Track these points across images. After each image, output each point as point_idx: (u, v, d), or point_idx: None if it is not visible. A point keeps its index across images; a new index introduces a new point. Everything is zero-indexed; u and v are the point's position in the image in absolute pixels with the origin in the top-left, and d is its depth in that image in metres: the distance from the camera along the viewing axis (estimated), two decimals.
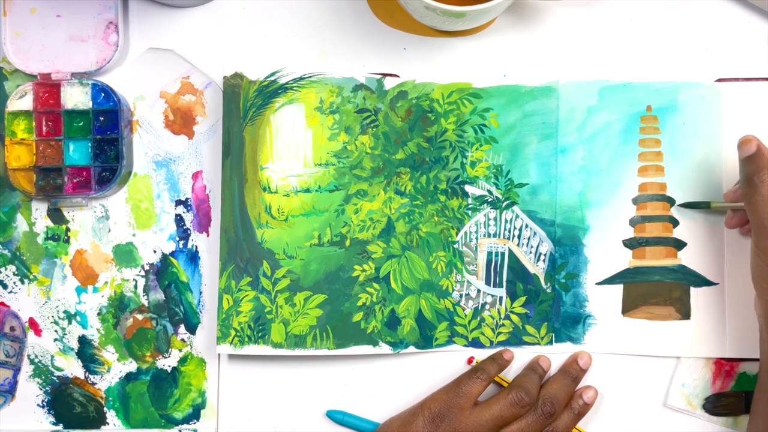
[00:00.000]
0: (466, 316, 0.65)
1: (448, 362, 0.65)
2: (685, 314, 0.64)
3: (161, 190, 0.66)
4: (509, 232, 0.65)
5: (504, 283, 0.65)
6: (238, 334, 0.63)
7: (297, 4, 0.66)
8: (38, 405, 0.66)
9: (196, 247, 0.66)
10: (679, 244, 0.65)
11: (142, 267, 0.66)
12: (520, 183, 0.65)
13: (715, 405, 0.64)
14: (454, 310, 0.64)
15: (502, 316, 0.65)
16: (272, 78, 0.64)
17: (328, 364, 0.65)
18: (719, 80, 0.65)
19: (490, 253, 0.65)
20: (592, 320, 0.65)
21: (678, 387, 0.65)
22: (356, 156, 0.65)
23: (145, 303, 0.66)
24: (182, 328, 0.66)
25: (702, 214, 0.64)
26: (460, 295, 0.65)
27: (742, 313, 0.64)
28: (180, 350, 0.66)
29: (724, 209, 0.63)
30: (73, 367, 0.66)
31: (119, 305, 0.66)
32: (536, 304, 0.65)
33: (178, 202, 0.66)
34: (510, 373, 0.65)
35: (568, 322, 0.65)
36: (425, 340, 0.64)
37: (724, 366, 0.64)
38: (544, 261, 0.65)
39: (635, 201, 0.65)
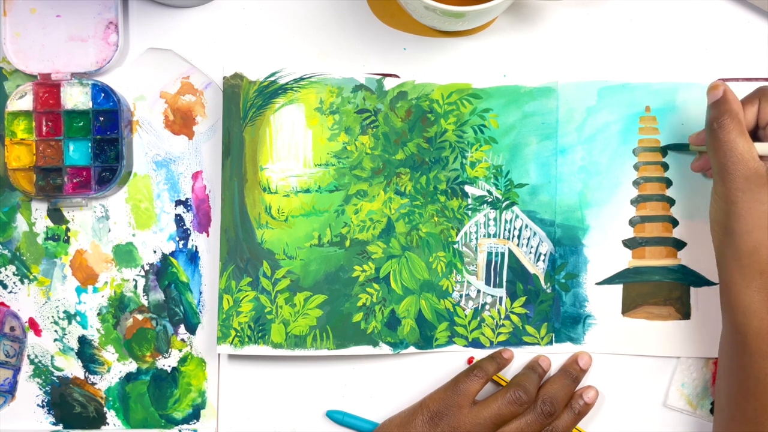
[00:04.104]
0: (466, 316, 0.65)
1: (448, 363, 0.65)
2: (685, 314, 0.64)
3: (161, 190, 0.66)
4: (509, 232, 0.65)
5: (504, 284, 0.65)
6: (238, 334, 0.63)
7: (297, 4, 0.66)
8: (38, 405, 0.66)
9: (196, 247, 0.66)
10: (679, 244, 0.65)
11: (142, 267, 0.66)
12: (519, 183, 0.65)
13: None
14: (454, 311, 0.65)
15: (502, 317, 0.65)
16: (272, 78, 0.64)
17: (328, 364, 0.66)
18: (719, 80, 0.65)
19: (490, 254, 0.65)
20: (592, 320, 0.65)
21: (678, 387, 0.65)
22: (356, 156, 0.65)
23: (145, 303, 0.66)
24: (182, 328, 0.66)
25: (701, 214, 0.64)
26: (460, 296, 0.65)
27: None
28: (180, 350, 0.66)
29: (703, 152, 0.63)
30: (73, 367, 0.66)
31: (119, 305, 0.66)
32: (536, 304, 0.65)
33: (178, 202, 0.66)
34: (510, 373, 0.65)
35: (568, 322, 0.65)
36: (425, 341, 0.64)
37: None
38: (543, 261, 0.65)
39: (635, 201, 0.65)
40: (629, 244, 0.65)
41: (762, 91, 0.58)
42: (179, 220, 0.66)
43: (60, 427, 0.66)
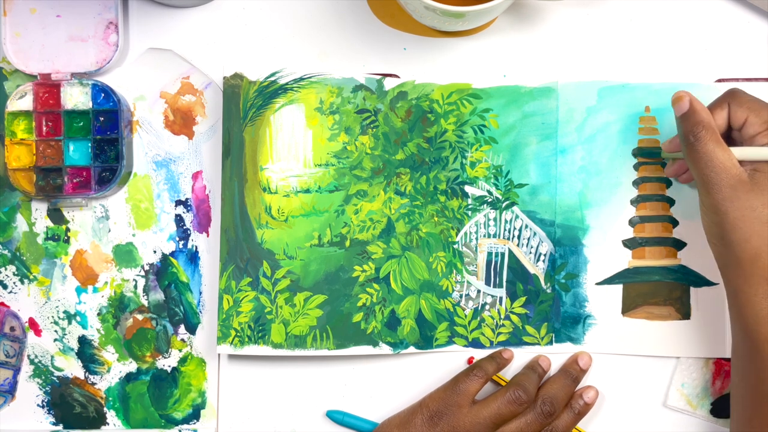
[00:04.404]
0: (466, 316, 0.65)
1: (448, 363, 0.65)
2: (685, 314, 0.64)
3: (161, 190, 0.66)
4: (509, 232, 0.65)
5: (504, 284, 0.65)
6: (238, 334, 0.63)
7: (297, 4, 0.66)
8: (38, 405, 0.66)
9: (196, 247, 0.66)
10: (679, 244, 0.65)
11: (142, 267, 0.66)
12: (519, 183, 0.65)
13: (720, 408, 0.64)
14: (454, 311, 0.65)
15: (502, 317, 0.65)
16: (272, 78, 0.64)
17: (328, 364, 0.66)
18: (719, 80, 0.65)
19: (490, 254, 0.65)
20: (592, 320, 0.65)
21: (678, 387, 0.65)
22: (356, 156, 0.65)
23: (145, 303, 0.66)
24: (182, 329, 0.66)
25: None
26: (460, 296, 0.65)
27: None
28: (180, 350, 0.66)
29: (676, 158, 0.63)
30: (73, 367, 0.66)
31: (119, 305, 0.66)
32: (536, 304, 0.65)
33: (178, 203, 0.66)
34: (510, 373, 0.65)
35: (568, 323, 0.65)
36: (425, 341, 0.64)
37: (723, 366, 0.65)
38: (543, 261, 0.65)
39: (635, 201, 0.65)
40: (629, 244, 0.65)
41: (731, 94, 0.58)
42: (179, 220, 0.66)
43: (60, 427, 0.66)
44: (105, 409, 0.66)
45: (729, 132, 0.59)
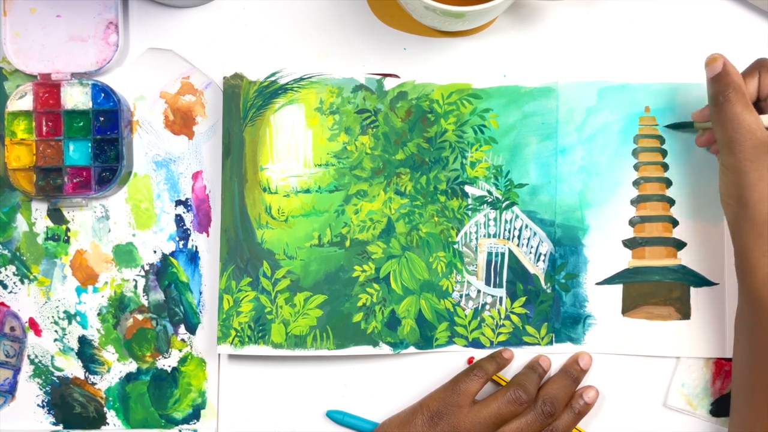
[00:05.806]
0: (466, 316, 0.65)
1: (448, 363, 0.65)
2: (685, 314, 0.64)
3: (161, 191, 0.66)
4: (509, 232, 0.65)
5: (504, 284, 0.65)
6: (238, 334, 0.63)
7: (297, 4, 0.66)
8: (38, 405, 0.66)
9: (196, 247, 0.66)
10: (679, 244, 0.65)
11: (142, 267, 0.66)
12: (519, 183, 0.65)
13: (720, 408, 0.64)
14: (454, 311, 0.65)
15: (502, 317, 0.65)
16: (272, 78, 0.64)
17: (328, 364, 0.66)
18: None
19: (490, 254, 0.65)
20: (592, 320, 0.65)
21: (678, 387, 0.65)
22: (356, 156, 0.65)
23: (145, 303, 0.66)
24: (182, 329, 0.66)
25: (701, 214, 0.64)
26: (460, 296, 0.65)
27: None
28: (180, 350, 0.66)
29: (706, 128, 0.63)
30: (73, 367, 0.66)
31: (119, 305, 0.66)
32: (536, 304, 0.65)
33: (178, 203, 0.66)
34: (510, 373, 0.65)
35: (568, 323, 0.65)
36: (425, 341, 0.64)
37: (723, 366, 0.65)
38: (544, 261, 0.65)
39: (635, 201, 0.65)
40: (629, 244, 0.65)
41: (761, 63, 0.59)
42: (179, 220, 0.66)
43: (60, 427, 0.66)
44: (105, 409, 0.66)
45: (757, 102, 0.59)
